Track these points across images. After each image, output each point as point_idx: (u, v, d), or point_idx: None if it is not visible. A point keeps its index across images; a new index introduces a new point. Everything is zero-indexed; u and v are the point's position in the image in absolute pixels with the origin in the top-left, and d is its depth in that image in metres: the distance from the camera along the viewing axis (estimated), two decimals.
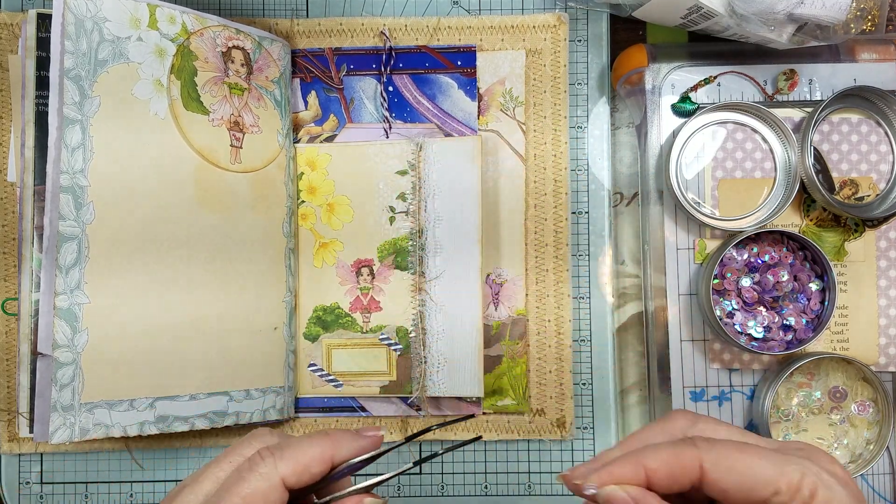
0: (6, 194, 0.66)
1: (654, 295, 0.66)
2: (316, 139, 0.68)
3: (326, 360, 0.68)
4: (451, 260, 0.66)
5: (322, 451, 0.43)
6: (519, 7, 0.69)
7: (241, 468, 0.42)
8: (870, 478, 0.65)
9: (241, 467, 0.42)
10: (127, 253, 0.57)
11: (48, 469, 0.67)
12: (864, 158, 0.64)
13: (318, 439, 0.43)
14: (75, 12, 0.55)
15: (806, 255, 0.64)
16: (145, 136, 0.58)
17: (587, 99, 0.69)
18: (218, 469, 0.42)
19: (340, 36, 0.68)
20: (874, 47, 0.65)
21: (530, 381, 0.67)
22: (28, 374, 0.59)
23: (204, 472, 0.42)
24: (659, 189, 0.65)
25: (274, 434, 0.45)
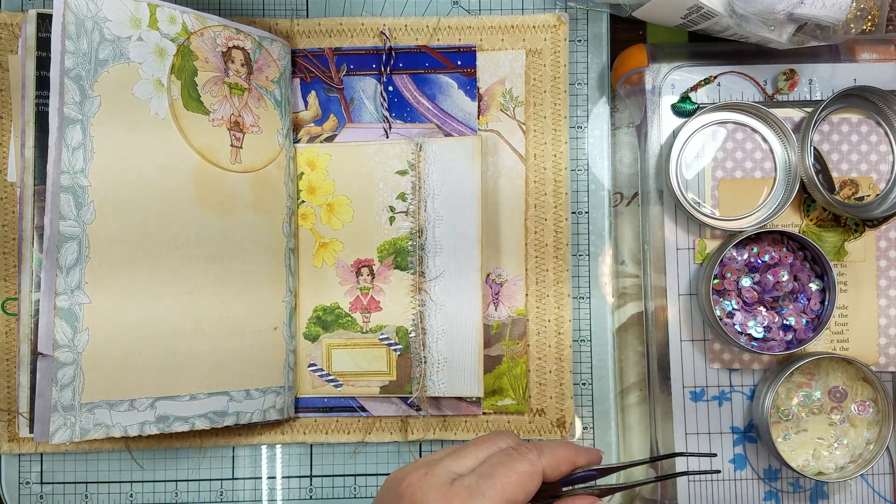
0: (6, 194, 0.66)
1: (654, 295, 0.66)
2: (316, 139, 0.68)
3: (326, 360, 0.68)
4: (451, 260, 0.66)
5: (569, 455, 0.50)
6: (519, 7, 0.69)
7: (508, 452, 0.48)
8: (870, 478, 0.65)
9: (509, 452, 0.48)
10: (127, 253, 0.57)
11: (48, 469, 0.67)
12: (864, 158, 0.65)
13: (567, 444, 0.51)
14: (76, 12, 0.55)
15: (806, 255, 0.64)
16: (146, 136, 0.58)
17: (587, 99, 0.69)
18: (478, 451, 0.49)
19: (340, 36, 0.68)
20: (874, 47, 0.65)
21: (530, 381, 0.67)
22: (28, 374, 0.59)
23: (464, 450, 0.49)
24: (659, 189, 0.65)
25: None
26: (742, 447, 0.65)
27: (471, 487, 0.46)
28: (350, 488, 0.68)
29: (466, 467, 0.48)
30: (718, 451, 0.65)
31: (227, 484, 0.68)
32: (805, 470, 0.63)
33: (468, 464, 0.48)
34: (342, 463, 0.68)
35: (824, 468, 0.63)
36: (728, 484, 0.65)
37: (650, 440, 0.67)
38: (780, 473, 0.65)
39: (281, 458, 0.68)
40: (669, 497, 0.65)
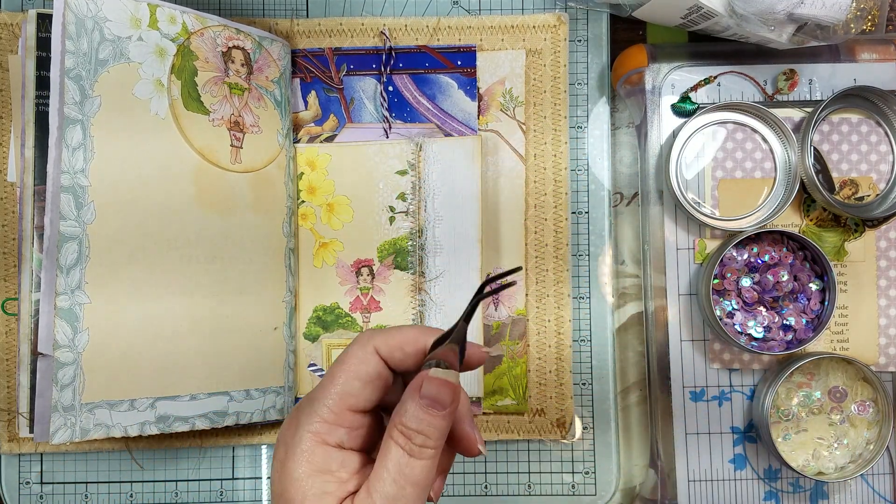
0: (6, 194, 0.66)
1: (654, 295, 0.66)
2: (316, 139, 0.68)
3: (326, 361, 0.68)
4: (451, 260, 0.66)
5: (414, 335, 0.45)
6: (519, 7, 0.69)
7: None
8: (870, 478, 0.65)
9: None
10: (127, 253, 0.57)
11: (48, 469, 0.67)
12: (864, 158, 0.65)
13: (411, 327, 0.46)
14: (76, 12, 0.55)
15: (806, 255, 0.64)
16: (146, 136, 0.58)
17: (587, 99, 0.69)
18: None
19: (340, 36, 0.68)
20: (874, 47, 0.65)
21: (530, 381, 0.67)
22: (28, 374, 0.59)
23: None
24: (659, 189, 0.65)
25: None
26: (742, 447, 0.65)
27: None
28: None
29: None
30: (718, 452, 0.65)
31: (227, 484, 0.68)
32: (805, 470, 0.63)
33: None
34: None
35: (824, 468, 0.63)
36: (728, 484, 0.65)
37: (650, 440, 0.67)
38: (780, 473, 0.65)
39: None
40: (669, 497, 0.65)
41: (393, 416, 0.42)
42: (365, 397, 0.44)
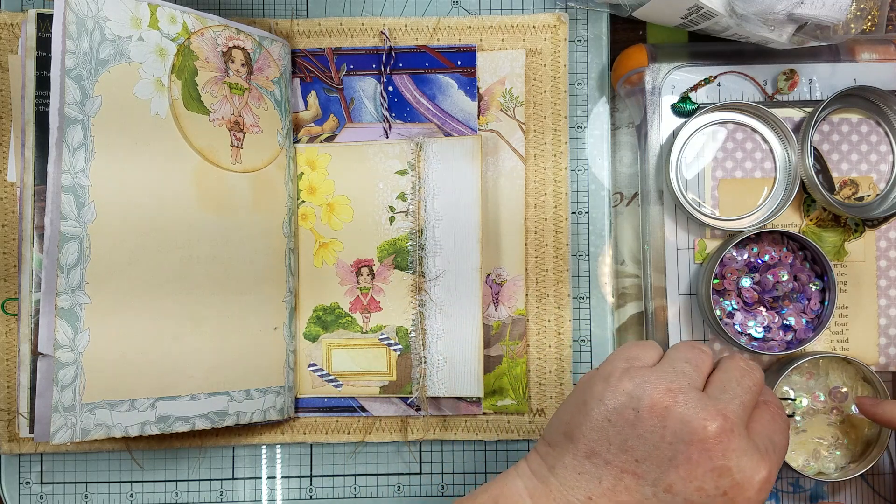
0: (6, 194, 0.66)
1: (654, 295, 0.66)
2: (316, 139, 0.68)
3: (326, 360, 0.68)
4: (451, 260, 0.66)
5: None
6: (519, 7, 0.69)
7: (772, 409, 0.50)
8: (870, 478, 0.65)
9: (772, 409, 0.50)
10: (128, 253, 0.57)
11: (48, 469, 0.67)
12: (864, 158, 0.65)
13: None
14: (76, 11, 0.55)
15: (806, 255, 0.64)
16: (146, 136, 0.58)
17: (587, 99, 0.69)
18: (742, 393, 0.48)
19: (340, 36, 0.68)
20: (874, 47, 0.65)
21: (530, 381, 0.67)
22: (28, 374, 0.59)
23: (730, 387, 0.48)
24: (659, 189, 0.65)
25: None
26: None
27: (769, 454, 0.46)
28: (350, 488, 0.68)
29: (748, 416, 0.48)
30: None
31: (227, 484, 0.68)
32: (805, 470, 0.63)
33: (749, 414, 0.48)
34: (342, 463, 0.68)
35: (824, 468, 0.63)
36: None
37: None
38: (780, 473, 0.65)
39: (281, 458, 0.68)
40: None
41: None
42: None
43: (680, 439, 0.45)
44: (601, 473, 0.46)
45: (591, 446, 0.47)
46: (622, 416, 0.46)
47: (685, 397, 0.46)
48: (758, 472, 0.44)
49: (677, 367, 0.48)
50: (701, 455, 0.44)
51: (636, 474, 0.45)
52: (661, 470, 0.45)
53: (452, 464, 0.68)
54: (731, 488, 0.44)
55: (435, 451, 0.68)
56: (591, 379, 0.50)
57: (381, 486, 0.68)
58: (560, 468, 0.47)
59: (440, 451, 0.68)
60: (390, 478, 0.68)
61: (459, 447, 0.68)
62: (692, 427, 0.44)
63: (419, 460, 0.68)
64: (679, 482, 0.44)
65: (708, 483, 0.44)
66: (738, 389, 0.47)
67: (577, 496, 0.46)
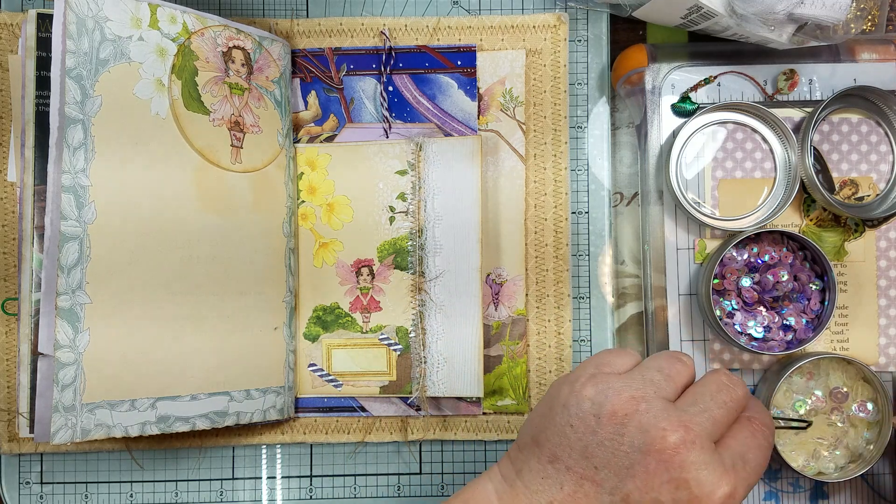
0: (6, 194, 0.66)
1: (654, 295, 0.66)
2: (316, 139, 0.68)
3: (326, 360, 0.68)
4: (451, 260, 0.66)
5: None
6: (519, 7, 0.69)
7: (752, 427, 0.49)
8: (870, 478, 0.65)
9: (752, 426, 0.49)
10: (128, 253, 0.57)
11: (48, 469, 0.67)
12: (864, 158, 0.65)
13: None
14: (77, 11, 0.55)
15: (806, 255, 0.64)
16: (146, 136, 0.58)
17: (587, 99, 0.69)
18: (718, 409, 0.48)
19: (340, 36, 0.68)
20: (874, 47, 0.65)
21: (530, 381, 0.67)
22: (28, 374, 0.59)
23: (709, 405, 0.47)
24: (659, 189, 0.65)
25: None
26: None
27: (737, 471, 0.45)
28: (350, 488, 0.68)
29: (719, 431, 0.47)
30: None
31: (227, 484, 0.68)
32: (805, 470, 0.63)
33: (720, 430, 0.47)
34: (342, 463, 0.68)
35: (824, 468, 0.63)
36: None
37: None
38: (780, 473, 0.65)
39: (281, 458, 0.68)
40: None
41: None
42: None
43: (637, 448, 0.44)
44: (563, 479, 0.46)
45: (554, 451, 0.47)
46: (583, 422, 0.46)
47: (647, 406, 0.45)
48: (718, 487, 0.44)
49: (647, 375, 0.48)
50: (658, 465, 0.44)
51: (595, 481, 0.45)
52: (619, 478, 0.45)
53: (452, 464, 0.68)
54: (687, 501, 0.44)
55: (435, 451, 0.68)
56: (558, 384, 0.50)
57: (381, 486, 0.68)
58: (526, 472, 0.48)
59: (440, 451, 0.68)
60: (390, 478, 0.68)
61: (459, 447, 0.68)
62: (650, 436, 0.44)
63: (419, 460, 0.68)
64: (636, 492, 0.44)
65: (664, 495, 0.44)
66: (710, 403, 0.47)
67: (540, 500, 0.46)
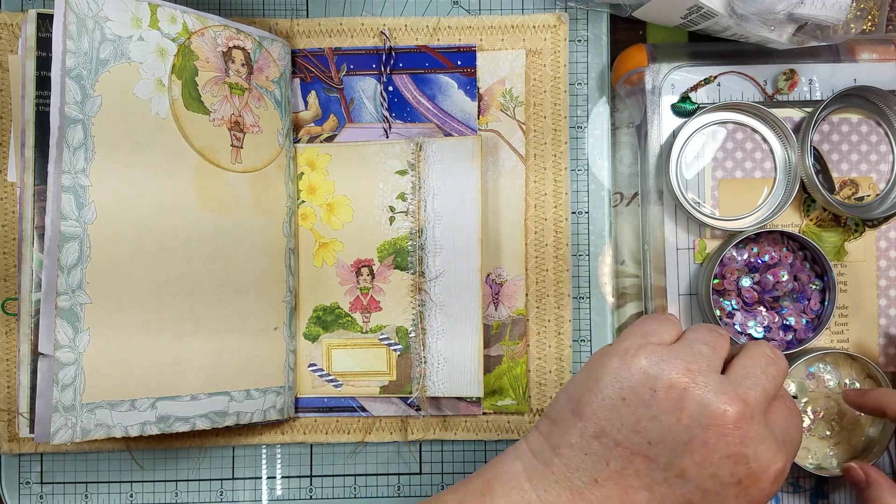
0: (6, 194, 0.66)
1: (654, 295, 0.66)
2: (316, 139, 0.68)
3: (326, 360, 0.68)
4: (451, 260, 0.66)
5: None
6: (519, 7, 0.69)
7: (789, 403, 0.49)
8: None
9: (789, 402, 0.49)
10: (128, 253, 0.57)
11: (48, 469, 0.67)
12: (864, 158, 0.65)
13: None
14: (77, 11, 0.55)
15: (806, 255, 0.64)
16: (146, 136, 0.58)
17: (587, 99, 0.69)
18: (765, 382, 0.47)
19: (340, 36, 0.68)
20: (874, 47, 0.65)
21: (530, 381, 0.67)
22: (28, 374, 0.59)
23: (756, 376, 0.47)
24: (659, 189, 0.65)
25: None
26: None
27: (786, 446, 0.45)
28: (350, 488, 0.68)
29: (768, 405, 0.46)
30: None
31: (227, 484, 0.68)
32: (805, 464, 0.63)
33: (769, 404, 0.46)
34: (342, 463, 0.68)
35: (825, 463, 0.63)
36: None
37: None
38: None
39: (281, 458, 0.68)
40: None
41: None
42: None
43: (697, 423, 0.43)
44: (609, 454, 0.44)
45: (601, 425, 0.45)
46: (637, 395, 0.44)
47: (705, 379, 0.44)
48: (774, 462, 0.43)
49: (695, 347, 0.46)
50: (718, 440, 0.43)
51: (647, 457, 0.44)
52: (675, 454, 0.43)
53: (452, 464, 0.68)
54: (745, 477, 0.43)
55: (435, 451, 0.68)
56: (605, 354, 0.47)
57: (381, 486, 0.68)
58: (565, 447, 0.45)
59: (440, 451, 0.68)
60: (390, 478, 0.68)
61: (459, 447, 0.68)
62: (711, 410, 0.43)
63: (419, 460, 0.68)
64: (693, 467, 0.43)
65: (723, 470, 0.43)
66: (762, 377, 0.46)
67: (581, 478, 0.44)
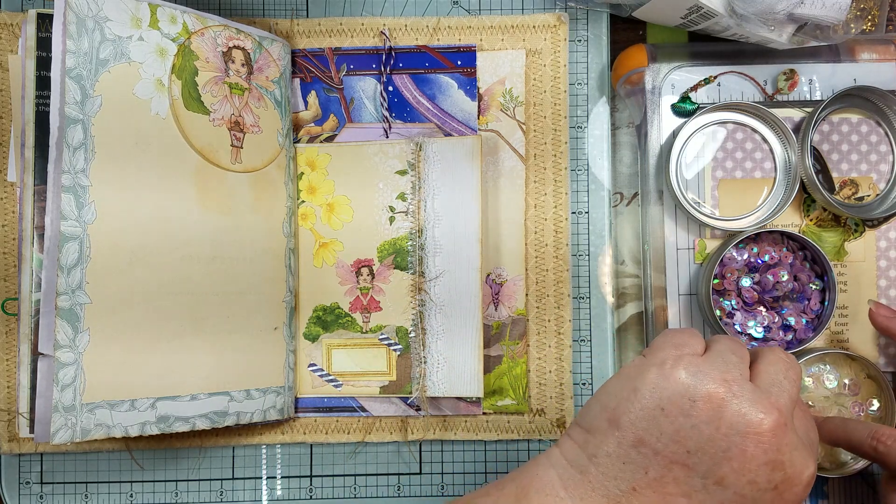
0: (6, 194, 0.66)
1: (654, 295, 0.66)
2: (316, 139, 0.68)
3: (326, 360, 0.68)
4: (451, 260, 0.66)
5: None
6: (519, 7, 0.69)
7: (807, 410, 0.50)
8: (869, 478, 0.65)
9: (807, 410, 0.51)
10: (128, 253, 0.57)
11: (48, 469, 0.67)
12: (864, 158, 0.65)
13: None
14: (77, 11, 0.55)
15: (806, 255, 0.64)
16: (147, 136, 0.58)
17: (587, 99, 0.69)
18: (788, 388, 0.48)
19: (340, 36, 0.68)
20: (874, 47, 0.65)
21: (530, 381, 0.67)
22: (28, 374, 0.59)
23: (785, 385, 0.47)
24: (659, 189, 0.65)
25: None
26: None
27: (812, 450, 0.47)
28: (350, 488, 0.68)
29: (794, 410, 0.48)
30: None
31: (227, 484, 0.68)
32: None
33: (793, 407, 0.47)
34: (342, 463, 0.68)
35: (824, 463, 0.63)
36: None
37: None
38: None
39: (281, 458, 0.68)
40: None
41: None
42: None
43: (736, 431, 0.44)
44: (648, 463, 0.45)
45: (639, 435, 0.45)
46: (677, 406, 0.45)
47: (740, 389, 0.45)
48: (807, 466, 0.44)
49: (726, 357, 0.47)
50: (756, 448, 0.43)
51: (686, 465, 0.44)
52: (714, 462, 0.44)
53: (452, 464, 0.68)
54: (781, 482, 0.44)
55: (435, 451, 0.68)
56: (642, 365, 0.48)
57: (381, 486, 0.68)
58: (602, 456, 0.46)
59: (440, 451, 0.68)
60: (390, 478, 0.68)
61: (459, 447, 0.68)
62: (749, 420, 0.44)
63: (419, 460, 0.68)
64: (731, 475, 0.44)
65: (761, 476, 0.44)
66: (786, 383, 0.47)
67: (619, 486, 0.45)
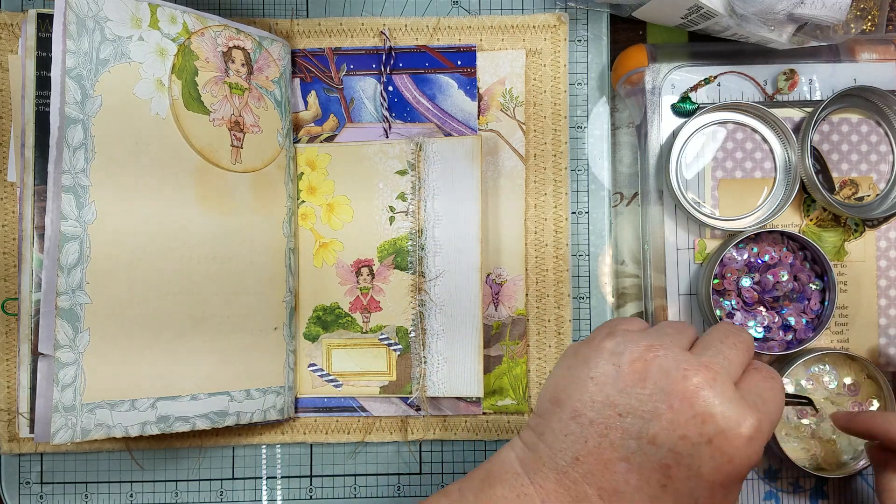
0: (6, 194, 0.66)
1: (654, 295, 0.66)
2: (316, 139, 0.68)
3: (326, 360, 0.68)
4: (451, 260, 0.66)
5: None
6: (519, 7, 0.69)
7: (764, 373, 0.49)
8: (870, 477, 0.65)
9: (764, 372, 0.49)
10: (128, 253, 0.57)
11: (48, 469, 0.67)
12: (864, 158, 0.65)
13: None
14: (77, 11, 0.55)
15: (806, 255, 0.64)
16: (147, 136, 0.58)
17: (587, 99, 0.69)
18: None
19: (340, 36, 0.68)
20: (874, 47, 0.65)
21: (530, 381, 0.67)
22: (28, 374, 0.59)
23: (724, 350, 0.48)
24: (659, 189, 0.65)
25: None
26: None
27: (759, 407, 0.45)
28: (350, 488, 0.68)
29: (735, 372, 0.47)
30: None
31: (227, 484, 0.68)
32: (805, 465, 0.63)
33: (735, 371, 0.47)
34: (342, 463, 0.68)
35: (825, 464, 0.63)
36: None
37: None
38: (779, 474, 0.65)
39: (281, 458, 0.68)
40: None
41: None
42: None
43: (661, 389, 0.45)
44: (586, 433, 0.46)
45: (575, 406, 0.47)
46: (604, 374, 0.47)
47: (666, 352, 0.46)
48: (745, 419, 0.44)
49: (660, 330, 0.49)
50: (682, 403, 0.44)
51: (620, 428, 0.45)
52: (644, 422, 0.45)
53: (452, 464, 0.68)
54: (716, 435, 0.43)
55: (435, 451, 0.68)
56: (574, 347, 0.51)
57: (381, 486, 0.68)
58: (548, 434, 0.48)
59: (440, 451, 0.68)
60: (390, 478, 0.68)
61: (459, 447, 0.68)
62: (672, 377, 0.45)
63: (419, 460, 0.68)
64: (662, 432, 0.44)
65: (691, 430, 0.44)
66: (721, 346, 0.48)
67: (564, 458, 0.46)
